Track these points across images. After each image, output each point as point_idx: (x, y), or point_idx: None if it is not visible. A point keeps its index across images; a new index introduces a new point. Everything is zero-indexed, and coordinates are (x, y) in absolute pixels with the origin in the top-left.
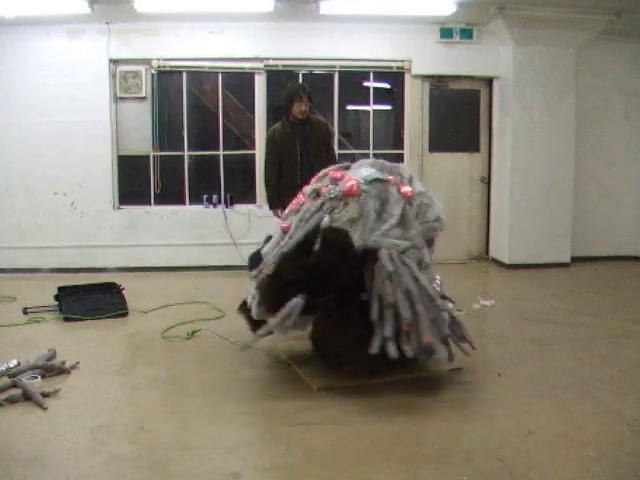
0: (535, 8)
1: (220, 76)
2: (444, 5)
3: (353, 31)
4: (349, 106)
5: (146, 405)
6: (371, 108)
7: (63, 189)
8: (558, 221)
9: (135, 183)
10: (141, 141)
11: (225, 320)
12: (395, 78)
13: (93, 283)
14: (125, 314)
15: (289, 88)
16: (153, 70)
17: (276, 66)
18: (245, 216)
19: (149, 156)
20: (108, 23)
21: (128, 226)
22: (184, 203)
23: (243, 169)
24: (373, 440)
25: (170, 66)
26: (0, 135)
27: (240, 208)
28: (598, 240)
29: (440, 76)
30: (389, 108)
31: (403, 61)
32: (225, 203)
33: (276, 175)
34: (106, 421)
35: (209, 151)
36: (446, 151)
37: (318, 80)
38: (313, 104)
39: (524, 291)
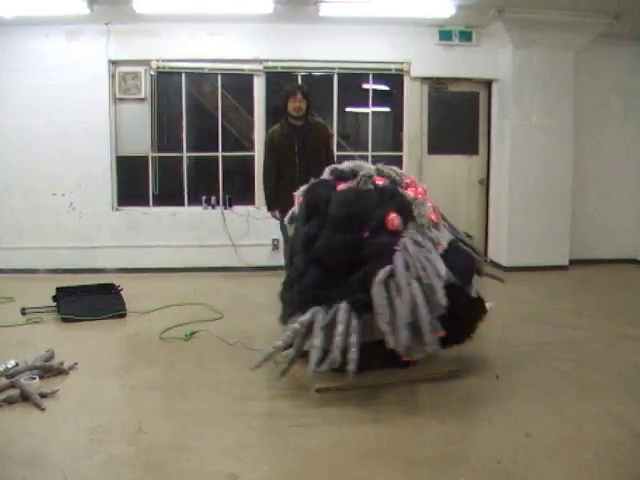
0: (534, 11)
1: (219, 77)
2: (443, 7)
3: (352, 33)
4: (348, 108)
5: (144, 406)
6: (370, 110)
7: (62, 190)
8: (557, 224)
9: (134, 184)
10: (140, 142)
11: (223, 321)
12: (394, 80)
13: (91, 284)
14: (123, 315)
15: (285, 88)
16: (152, 71)
17: (275, 68)
18: (244, 217)
19: (148, 157)
20: (107, 24)
21: (127, 227)
22: (183, 204)
23: (242, 171)
24: (371, 441)
25: (169, 67)
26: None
27: (239, 209)
28: (597, 243)
29: (439, 78)
30: (388, 110)
31: (402, 63)
32: (224, 204)
33: (275, 176)
34: (104, 422)
35: (208, 152)
36: (445, 153)
37: (317, 82)
38: (311, 105)
39: (522, 293)
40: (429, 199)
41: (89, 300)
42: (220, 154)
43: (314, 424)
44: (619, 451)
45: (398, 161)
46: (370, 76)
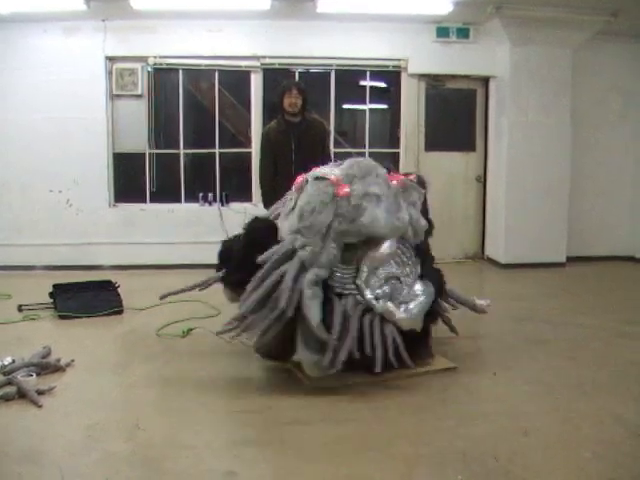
0: (532, 8)
1: (217, 74)
2: (441, 4)
3: (350, 30)
4: (345, 105)
5: (141, 403)
6: (367, 107)
7: (59, 186)
8: (554, 221)
9: (131, 181)
10: (137, 139)
11: (220, 318)
12: (391, 77)
13: (88, 280)
14: (120, 312)
15: (282, 84)
16: (149, 68)
17: (272, 64)
18: (241, 214)
19: (145, 154)
20: (104, 20)
21: (124, 224)
22: (180, 201)
23: (239, 167)
24: (368, 439)
25: (166, 64)
26: None
27: (236, 206)
28: (594, 240)
29: (436, 75)
30: (385, 107)
31: (400, 60)
32: (221, 201)
33: (271, 173)
34: (101, 419)
35: (205, 149)
36: (442, 150)
37: (315, 79)
38: (308, 102)
39: (519, 291)
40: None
41: (86, 297)
42: (217, 151)
43: (311, 421)
44: (618, 450)
45: (395, 158)
46: (367, 73)
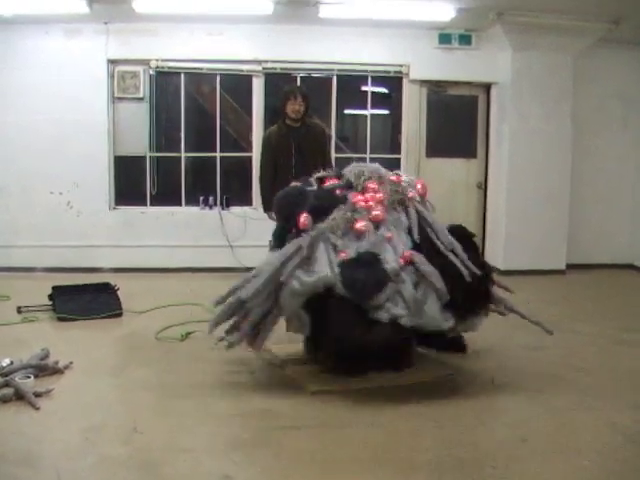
0: (534, 15)
1: (218, 78)
2: (443, 11)
3: (352, 35)
4: (347, 110)
5: (139, 406)
6: (369, 112)
7: (59, 188)
8: (554, 228)
9: (132, 184)
10: (138, 142)
11: None
12: (393, 83)
13: (88, 283)
14: (119, 315)
15: (284, 88)
16: (151, 71)
17: (274, 69)
18: (241, 218)
19: (146, 157)
20: (106, 23)
21: (124, 226)
22: (180, 204)
23: (240, 171)
24: (365, 445)
25: (168, 67)
26: None
27: (236, 210)
28: (594, 248)
29: (438, 81)
30: (387, 113)
31: (401, 66)
32: (221, 205)
33: (271, 177)
34: (99, 422)
35: (206, 153)
36: (443, 156)
37: (316, 84)
38: (310, 107)
39: (519, 297)
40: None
41: (85, 299)
42: (218, 154)
43: (309, 426)
44: (615, 457)
45: (396, 164)
46: (369, 78)
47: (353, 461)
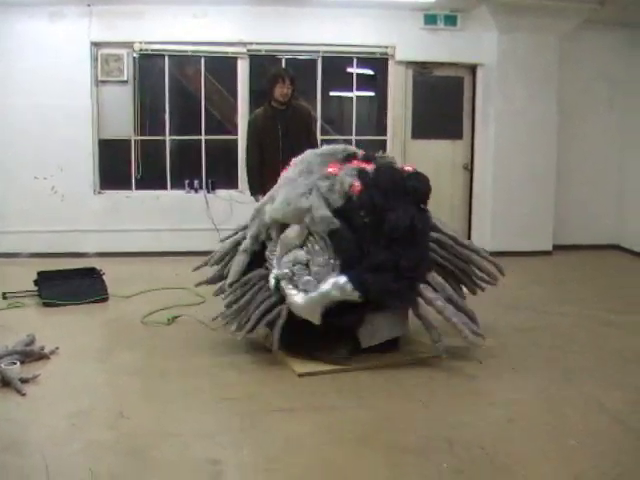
0: None
1: (203, 60)
2: None
3: (337, 16)
4: (332, 92)
5: (126, 391)
6: (354, 94)
7: (43, 173)
8: (540, 209)
9: (116, 167)
10: (122, 125)
11: (206, 306)
12: (379, 64)
13: (73, 268)
14: (105, 299)
15: (272, 71)
16: (135, 54)
17: (259, 51)
18: (227, 201)
19: (130, 140)
20: (89, 5)
21: (109, 211)
22: (165, 188)
23: (225, 154)
24: (354, 427)
25: (152, 50)
26: None
27: (222, 193)
28: (580, 228)
29: (424, 63)
30: (372, 94)
31: (387, 47)
32: (207, 188)
33: (258, 160)
34: (85, 407)
35: (191, 136)
36: (429, 138)
37: (301, 65)
38: (296, 89)
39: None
40: None
41: (71, 284)
42: (203, 137)
43: (296, 409)
44: (602, 438)
45: (382, 145)
46: (355, 60)
47: (342, 443)
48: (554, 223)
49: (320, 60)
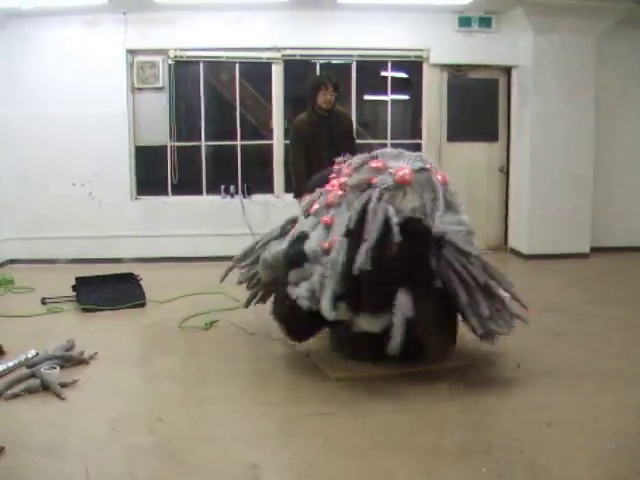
0: None
1: (237, 66)
2: None
3: (371, 20)
4: (367, 96)
5: (164, 395)
6: (389, 98)
7: (81, 180)
8: (577, 211)
9: (153, 174)
10: (158, 132)
11: (243, 310)
12: (413, 67)
13: (111, 274)
14: (143, 304)
15: (315, 77)
16: (170, 60)
17: (294, 56)
18: (263, 206)
19: (166, 146)
20: (125, 13)
21: (146, 216)
22: (201, 193)
23: (260, 159)
24: (392, 431)
25: (187, 56)
26: (18, 126)
27: (258, 198)
28: (617, 231)
29: (458, 65)
30: (407, 98)
31: (421, 50)
32: (242, 193)
33: (304, 164)
34: (124, 411)
35: (226, 141)
36: (464, 141)
37: (336, 70)
38: (339, 95)
39: (542, 281)
40: None
41: (109, 290)
42: (239, 143)
43: (334, 413)
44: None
45: (417, 149)
46: (389, 63)
47: (379, 447)
48: (591, 225)
49: (354, 64)
